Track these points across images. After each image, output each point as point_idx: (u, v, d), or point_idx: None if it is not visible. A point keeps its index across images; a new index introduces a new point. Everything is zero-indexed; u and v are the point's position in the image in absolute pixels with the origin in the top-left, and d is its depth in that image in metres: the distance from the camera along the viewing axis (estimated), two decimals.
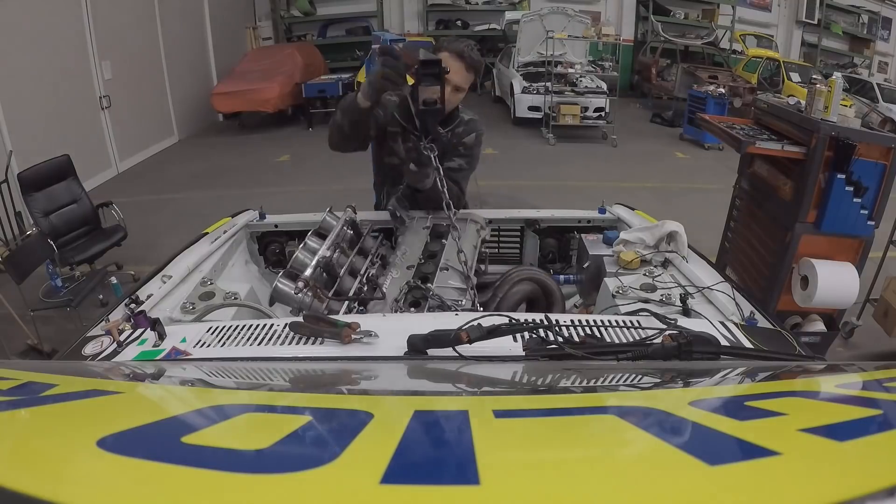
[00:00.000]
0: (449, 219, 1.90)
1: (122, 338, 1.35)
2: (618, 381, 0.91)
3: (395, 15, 12.94)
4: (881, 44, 13.46)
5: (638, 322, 1.37)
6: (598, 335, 1.28)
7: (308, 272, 1.63)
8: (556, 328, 1.13)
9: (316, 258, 1.73)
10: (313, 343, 1.28)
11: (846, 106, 3.06)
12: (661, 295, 1.72)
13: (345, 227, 1.99)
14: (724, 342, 1.27)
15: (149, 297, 1.66)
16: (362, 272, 1.88)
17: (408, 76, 1.86)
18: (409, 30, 12.91)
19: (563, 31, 8.82)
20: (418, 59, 1.77)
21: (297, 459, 0.47)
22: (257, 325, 1.38)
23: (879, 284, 3.61)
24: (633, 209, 2.53)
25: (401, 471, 0.43)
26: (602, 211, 2.52)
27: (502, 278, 1.93)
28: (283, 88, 9.09)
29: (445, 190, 1.89)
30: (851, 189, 2.79)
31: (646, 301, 1.70)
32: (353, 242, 2.00)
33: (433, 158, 1.87)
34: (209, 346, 1.30)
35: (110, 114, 7.07)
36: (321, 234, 1.91)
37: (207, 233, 2.25)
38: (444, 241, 2.02)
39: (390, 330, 1.24)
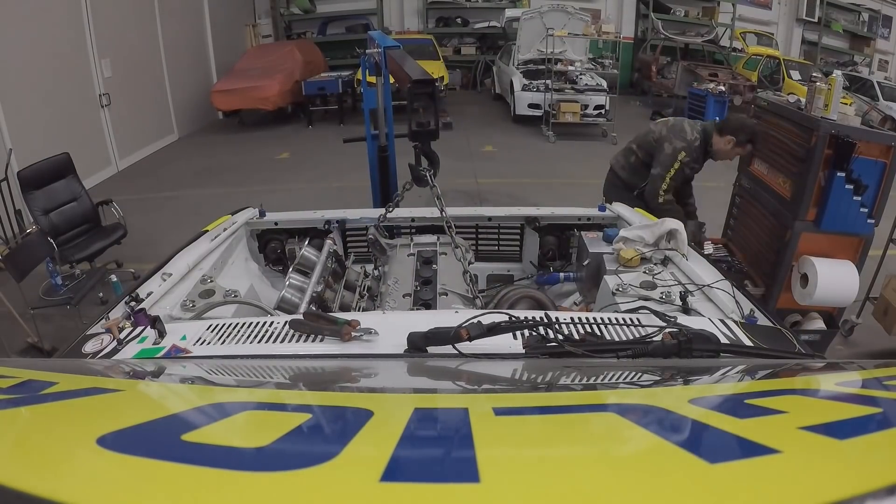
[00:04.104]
0: (450, 238, 1.89)
1: (122, 336, 1.35)
2: (618, 379, 0.91)
3: (394, 12, 12.91)
4: (881, 42, 13.44)
5: (638, 320, 1.37)
6: (598, 333, 1.28)
7: (302, 308, 1.62)
8: (557, 326, 1.13)
9: (308, 294, 1.71)
10: (313, 341, 1.28)
11: (846, 104, 3.06)
12: (661, 293, 1.72)
13: (329, 261, 1.98)
14: (724, 340, 1.27)
15: (149, 294, 1.66)
16: (354, 305, 1.88)
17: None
18: (409, 27, 12.89)
19: (563, 29, 8.80)
20: (412, 79, 1.76)
21: (297, 457, 0.47)
22: (257, 323, 1.38)
23: (879, 282, 3.60)
24: (633, 207, 2.53)
25: (401, 468, 0.43)
26: (602, 209, 2.52)
27: (498, 298, 1.92)
28: (282, 86, 9.07)
29: (445, 212, 1.89)
30: (851, 187, 2.79)
31: (646, 299, 1.70)
32: (337, 275, 1.99)
33: (430, 178, 1.87)
34: (209, 343, 1.30)
35: (110, 112, 7.06)
36: (302, 271, 1.90)
37: (207, 230, 2.25)
38: (434, 266, 2.01)
39: (390, 327, 1.24)
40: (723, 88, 8.43)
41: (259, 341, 1.29)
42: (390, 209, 2.25)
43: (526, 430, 0.58)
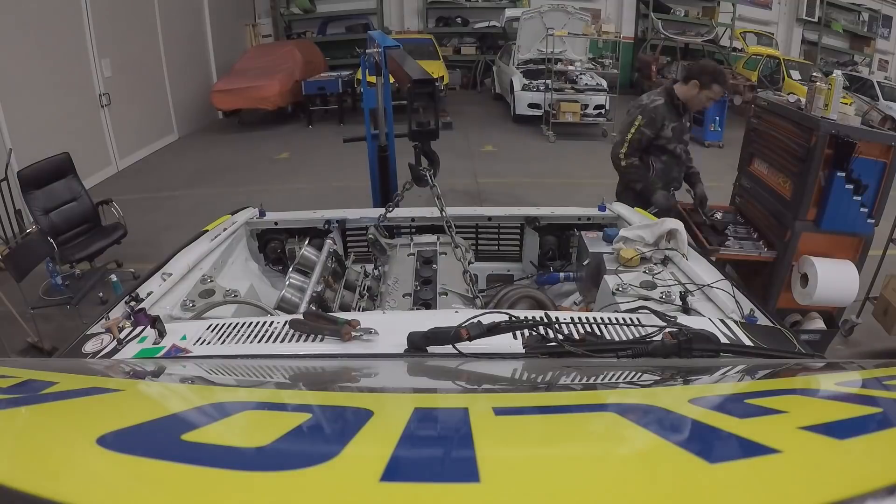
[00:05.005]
0: (450, 237, 1.88)
1: (122, 335, 1.35)
2: (618, 379, 0.91)
3: (394, 12, 12.90)
4: (881, 42, 13.44)
5: (638, 319, 1.37)
6: (598, 333, 1.28)
7: (302, 308, 1.61)
8: (557, 326, 1.13)
9: (308, 294, 1.70)
10: (313, 340, 1.28)
11: (846, 104, 3.05)
12: (661, 292, 1.72)
13: (329, 261, 1.97)
14: (723, 340, 1.27)
15: (149, 294, 1.66)
16: (354, 305, 1.87)
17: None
18: (408, 27, 12.89)
19: (563, 29, 8.80)
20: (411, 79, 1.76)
21: (297, 457, 0.47)
22: (257, 323, 1.38)
23: (879, 282, 3.60)
24: (633, 207, 2.53)
25: (401, 468, 0.43)
26: (602, 208, 2.51)
27: (498, 298, 1.92)
28: (282, 86, 9.07)
29: (445, 211, 1.89)
30: (851, 187, 2.78)
31: (646, 298, 1.70)
32: (337, 275, 1.99)
33: (430, 178, 1.87)
34: (209, 343, 1.30)
35: (110, 111, 7.06)
36: (302, 271, 1.90)
37: (207, 230, 2.25)
38: (434, 265, 2.00)
39: (390, 327, 1.24)
40: None
41: (259, 341, 1.29)
42: (390, 209, 2.25)
43: (526, 430, 0.58)
